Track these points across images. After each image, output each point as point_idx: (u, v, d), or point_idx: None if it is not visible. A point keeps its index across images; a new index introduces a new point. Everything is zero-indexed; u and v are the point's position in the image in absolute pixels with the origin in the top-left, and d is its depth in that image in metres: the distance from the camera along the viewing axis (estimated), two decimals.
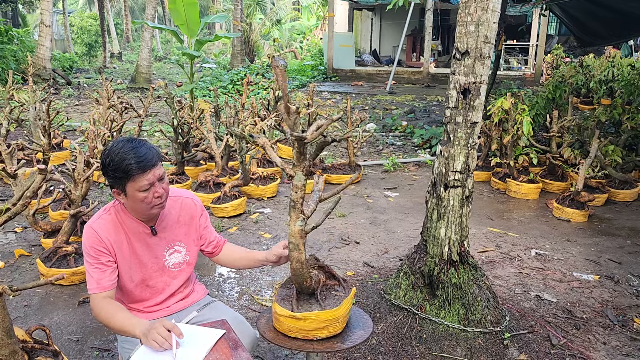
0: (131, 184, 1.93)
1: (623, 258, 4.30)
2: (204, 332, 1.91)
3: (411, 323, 2.94)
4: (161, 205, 2.03)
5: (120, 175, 1.92)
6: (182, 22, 9.20)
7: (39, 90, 6.82)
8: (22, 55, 13.91)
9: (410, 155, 7.88)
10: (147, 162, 1.93)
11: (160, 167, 1.99)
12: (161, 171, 1.99)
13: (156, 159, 1.98)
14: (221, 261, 2.37)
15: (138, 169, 1.91)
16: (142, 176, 1.92)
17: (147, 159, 1.93)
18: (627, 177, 5.93)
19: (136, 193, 1.94)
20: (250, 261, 2.30)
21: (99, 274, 1.99)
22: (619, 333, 3.17)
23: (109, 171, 1.95)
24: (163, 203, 2.03)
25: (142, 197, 1.95)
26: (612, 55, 11.74)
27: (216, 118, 6.61)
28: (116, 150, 1.93)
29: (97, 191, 5.69)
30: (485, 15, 2.74)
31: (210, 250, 2.31)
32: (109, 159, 1.93)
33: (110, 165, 1.93)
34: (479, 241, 4.61)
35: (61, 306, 3.37)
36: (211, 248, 2.30)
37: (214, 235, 2.31)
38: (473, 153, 2.93)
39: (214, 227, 2.57)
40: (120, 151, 1.92)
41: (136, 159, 1.91)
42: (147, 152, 1.95)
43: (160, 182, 1.98)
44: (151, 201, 1.97)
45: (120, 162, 1.91)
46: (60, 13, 27.63)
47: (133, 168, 1.90)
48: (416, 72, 16.65)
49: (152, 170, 1.94)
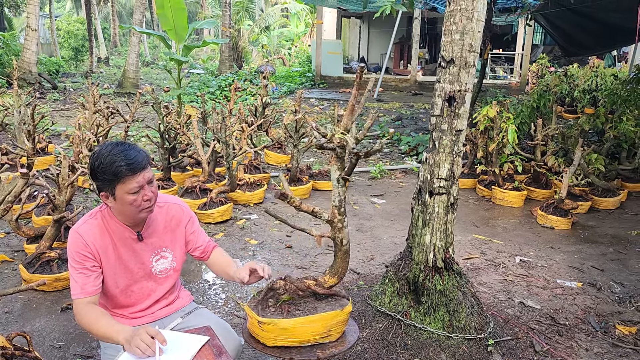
0: (121, 186, 1.92)
1: (605, 265, 4.35)
2: (188, 339, 1.90)
3: (396, 329, 2.95)
4: (150, 209, 2.02)
5: (110, 178, 1.91)
6: (170, 27, 9.17)
7: (24, 94, 6.76)
8: (7, 59, 13.78)
9: (397, 162, 7.92)
10: (137, 164, 1.92)
11: (149, 171, 1.99)
12: (150, 174, 1.99)
13: (146, 162, 1.97)
14: (209, 267, 2.37)
15: (128, 170, 1.90)
16: (132, 178, 1.92)
17: (137, 161, 1.93)
18: (610, 186, 6.01)
19: (125, 196, 1.93)
20: (225, 274, 2.27)
21: (83, 279, 1.97)
22: (601, 340, 3.21)
23: (98, 174, 1.94)
24: (152, 207, 2.03)
25: (131, 200, 1.94)
26: (595, 65, 11.92)
27: (203, 124, 6.60)
28: (105, 153, 1.93)
29: (82, 196, 5.64)
30: (470, 25, 2.77)
31: (198, 254, 2.30)
32: (99, 162, 1.93)
33: (100, 167, 1.92)
34: (464, 248, 4.64)
35: (43, 312, 3.33)
36: (199, 253, 2.30)
37: (202, 240, 2.29)
38: (458, 160, 2.95)
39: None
40: (109, 154, 1.92)
41: (126, 161, 1.91)
42: (137, 155, 1.95)
43: (149, 185, 1.98)
44: (140, 204, 1.97)
45: (110, 164, 1.90)
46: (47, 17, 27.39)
47: (123, 170, 1.90)
48: (404, 80, 16.76)
49: (142, 172, 1.94)
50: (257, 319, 2.09)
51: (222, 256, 2.35)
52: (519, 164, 6.00)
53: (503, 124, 5.89)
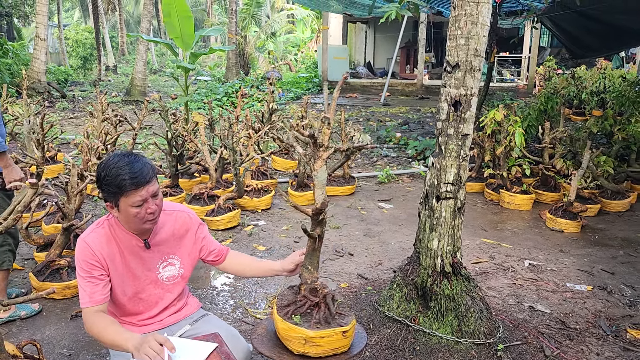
0: (124, 199, 1.94)
1: (616, 268, 4.32)
2: (196, 346, 1.91)
3: (405, 335, 2.94)
4: (153, 222, 2.04)
5: (114, 190, 1.93)
6: (177, 35, 9.25)
7: (33, 103, 6.82)
8: (17, 68, 13.93)
9: (404, 166, 7.91)
10: (141, 178, 1.93)
11: (154, 184, 1.99)
12: (155, 187, 2.00)
13: (151, 175, 1.98)
14: (227, 269, 2.40)
15: (132, 185, 1.92)
16: (135, 192, 1.93)
17: (141, 175, 1.94)
18: (619, 188, 5.97)
19: (129, 208, 1.95)
20: (263, 270, 2.37)
21: (91, 288, 1.99)
22: (612, 344, 3.18)
23: (103, 185, 1.96)
24: (155, 219, 2.04)
25: (134, 213, 1.96)
26: (603, 67, 11.85)
27: (210, 130, 6.62)
28: (111, 164, 1.94)
29: (91, 204, 5.68)
30: (475, 29, 2.77)
31: (212, 258, 2.33)
32: (104, 173, 1.94)
33: (105, 179, 1.94)
34: (473, 252, 4.62)
35: (53, 320, 3.35)
36: (213, 257, 2.32)
37: (214, 245, 2.33)
38: (465, 165, 2.95)
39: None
40: (115, 166, 1.93)
41: (130, 174, 1.91)
42: (143, 168, 1.96)
43: (153, 198, 1.99)
44: (143, 217, 1.98)
45: (115, 177, 1.92)
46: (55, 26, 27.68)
47: (127, 184, 1.91)
48: (410, 84, 16.76)
49: (145, 187, 1.95)
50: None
51: (243, 255, 2.43)
52: (527, 167, 5.97)
53: (510, 127, 5.87)
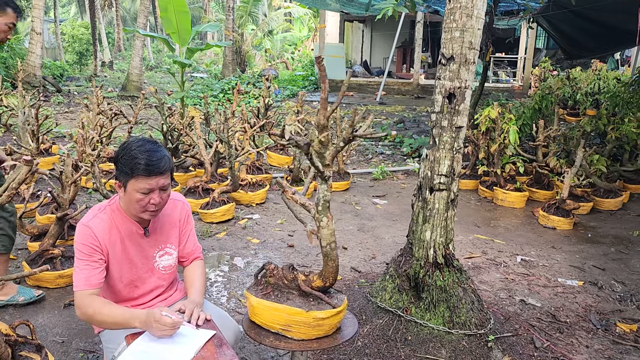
0: (133, 182, 1.95)
1: (607, 265, 4.35)
2: (195, 332, 1.92)
3: (397, 325, 2.96)
4: (153, 214, 2.05)
5: (127, 171, 1.95)
6: (174, 30, 9.24)
7: (29, 95, 6.81)
8: (12, 62, 13.86)
9: (399, 164, 7.94)
10: (155, 167, 1.94)
11: (167, 178, 2.00)
12: (166, 182, 2.01)
13: (166, 169, 1.99)
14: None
15: (145, 171, 1.93)
16: (145, 179, 1.94)
17: (157, 165, 1.95)
18: (612, 186, 6.01)
19: (134, 193, 1.96)
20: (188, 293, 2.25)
21: (89, 271, 1.99)
22: (602, 337, 3.21)
23: (119, 162, 1.98)
24: (156, 213, 2.05)
25: (138, 199, 1.97)
26: (598, 68, 11.91)
27: (206, 125, 6.63)
28: (134, 146, 1.96)
29: (85, 196, 5.68)
30: (470, 22, 2.79)
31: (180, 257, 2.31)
32: (124, 152, 1.97)
33: (122, 157, 1.97)
34: (466, 247, 4.65)
35: (47, 308, 3.35)
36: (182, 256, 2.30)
37: (190, 248, 2.30)
38: (458, 157, 2.97)
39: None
40: (136, 148, 1.95)
41: (147, 160, 1.93)
42: (160, 160, 1.97)
43: (161, 191, 2.00)
44: (145, 205, 1.99)
45: (132, 158, 1.93)
46: (51, 21, 27.58)
47: (140, 168, 1.92)
48: (406, 84, 16.80)
49: (157, 177, 1.96)
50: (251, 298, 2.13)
51: (196, 272, 2.28)
52: (521, 165, 6.01)
53: (505, 125, 5.90)
